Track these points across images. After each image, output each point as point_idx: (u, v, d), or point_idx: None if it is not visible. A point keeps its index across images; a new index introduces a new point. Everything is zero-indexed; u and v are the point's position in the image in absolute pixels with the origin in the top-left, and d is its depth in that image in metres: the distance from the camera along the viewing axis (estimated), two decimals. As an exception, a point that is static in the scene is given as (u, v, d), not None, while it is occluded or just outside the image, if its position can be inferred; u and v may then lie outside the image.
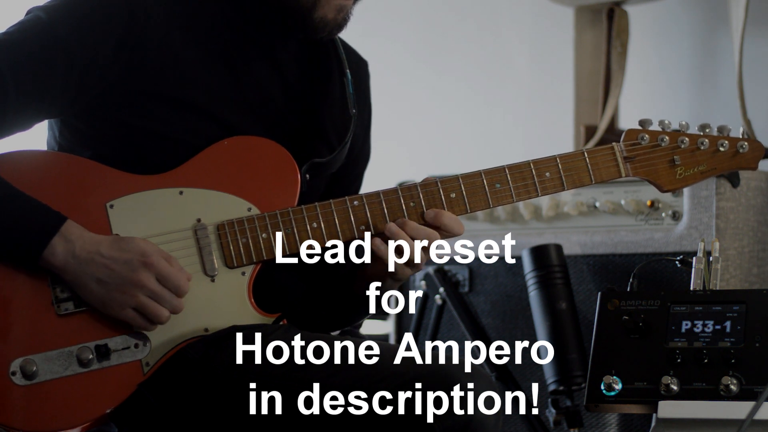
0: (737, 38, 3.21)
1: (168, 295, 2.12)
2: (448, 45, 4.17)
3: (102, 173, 2.18)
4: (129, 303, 2.10)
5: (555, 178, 2.28)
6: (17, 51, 2.14)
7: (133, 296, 2.10)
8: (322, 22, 2.25)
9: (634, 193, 3.01)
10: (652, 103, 3.79)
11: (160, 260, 2.11)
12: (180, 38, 2.23)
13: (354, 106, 2.35)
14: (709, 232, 2.87)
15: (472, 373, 2.04)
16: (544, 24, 3.97)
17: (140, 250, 2.11)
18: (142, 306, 2.11)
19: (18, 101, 2.13)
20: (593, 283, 3.02)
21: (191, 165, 2.21)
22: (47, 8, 2.19)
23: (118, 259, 2.11)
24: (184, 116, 2.22)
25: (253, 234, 2.19)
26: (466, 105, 4.12)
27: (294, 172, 2.24)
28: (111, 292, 2.10)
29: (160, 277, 2.11)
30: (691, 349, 2.17)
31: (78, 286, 2.11)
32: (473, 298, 3.17)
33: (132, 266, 2.10)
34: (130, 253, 2.11)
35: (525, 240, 3.09)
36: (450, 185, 2.24)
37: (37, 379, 2.11)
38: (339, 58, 2.38)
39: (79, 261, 2.10)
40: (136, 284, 2.10)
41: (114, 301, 2.10)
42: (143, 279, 2.10)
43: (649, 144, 2.31)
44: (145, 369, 2.14)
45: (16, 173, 2.14)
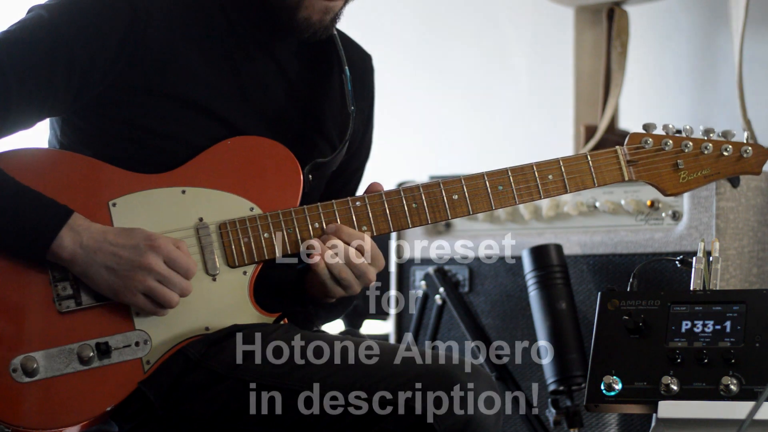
0: (737, 38, 3.22)
1: (176, 278, 2.12)
2: (448, 45, 4.17)
3: (105, 171, 2.19)
4: (139, 288, 2.11)
5: (558, 181, 2.28)
6: (19, 49, 2.14)
7: (142, 280, 2.10)
8: (306, 23, 2.24)
9: (634, 193, 3.02)
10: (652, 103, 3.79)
11: (167, 243, 2.12)
12: (182, 37, 2.23)
13: (352, 104, 2.35)
14: (709, 232, 2.87)
15: (472, 372, 2.04)
16: (544, 24, 3.97)
17: (146, 234, 2.12)
18: (152, 290, 2.11)
19: (20, 99, 2.14)
20: (593, 283, 3.02)
21: (194, 164, 2.21)
22: (49, 6, 2.19)
23: (125, 245, 2.11)
24: (186, 114, 2.23)
25: (255, 234, 2.20)
26: (466, 105, 4.12)
27: (297, 173, 2.24)
28: (121, 278, 2.10)
29: (168, 259, 2.12)
30: (691, 349, 2.17)
31: (87, 276, 2.11)
32: (473, 298, 3.18)
33: (140, 250, 2.11)
34: (136, 239, 2.12)
35: (525, 240, 3.09)
36: (452, 187, 2.24)
37: (37, 377, 2.11)
38: (338, 55, 2.38)
39: (88, 250, 2.10)
40: (144, 267, 2.10)
41: (124, 288, 2.11)
42: (151, 262, 2.10)
43: (653, 148, 2.31)
44: (145, 367, 2.14)
45: (20, 171, 2.14)
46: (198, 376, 2.14)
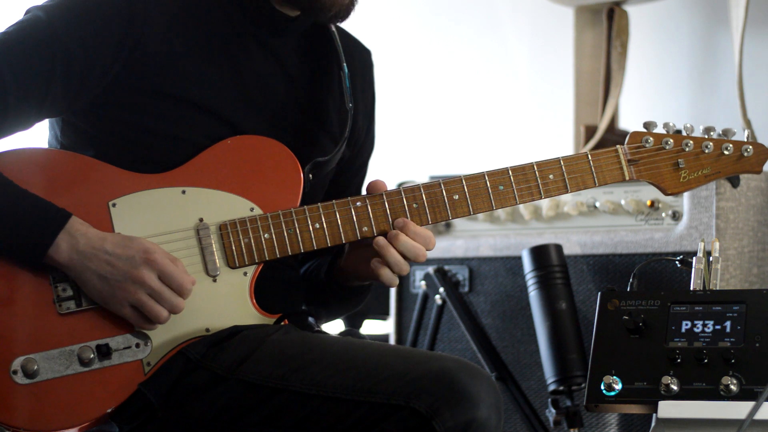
0: (737, 38, 3.22)
1: (168, 293, 2.11)
2: (448, 45, 4.17)
3: (104, 172, 2.19)
4: (128, 300, 2.10)
5: (558, 181, 2.28)
6: (17, 50, 2.14)
7: (133, 293, 2.10)
8: (330, 1, 2.24)
9: (634, 193, 3.02)
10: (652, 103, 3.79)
11: (163, 258, 2.11)
12: (180, 35, 2.23)
13: (350, 100, 2.35)
14: (709, 232, 2.87)
15: (472, 373, 2.03)
16: (544, 24, 3.97)
17: (144, 247, 2.11)
18: (141, 304, 2.10)
19: (18, 100, 2.13)
20: (593, 283, 3.02)
21: (194, 164, 2.21)
22: (46, 7, 2.19)
23: (120, 255, 2.11)
24: (185, 113, 2.22)
25: (256, 234, 2.20)
26: (466, 104, 4.12)
27: (297, 173, 2.24)
28: (111, 287, 2.10)
29: (163, 275, 2.11)
30: (691, 349, 2.17)
31: (81, 281, 2.11)
32: (473, 298, 3.18)
33: (134, 263, 2.10)
34: (133, 250, 2.11)
35: (525, 240, 3.09)
36: (453, 187, 2.24)
37: (38, 378, 2.11)
38: (336, 51, 2.37)
39: (82, 256, 2.10)
40: (136, 281, 2.10)
41: (114, 298, 2.10)
42: (144, 276, 2.10)
43: (653, 147, 2.30)
44: (146, 369, 2.14)
45: (19, 171, 2.14)
46: (198, 378, 2.13)
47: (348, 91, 2.35)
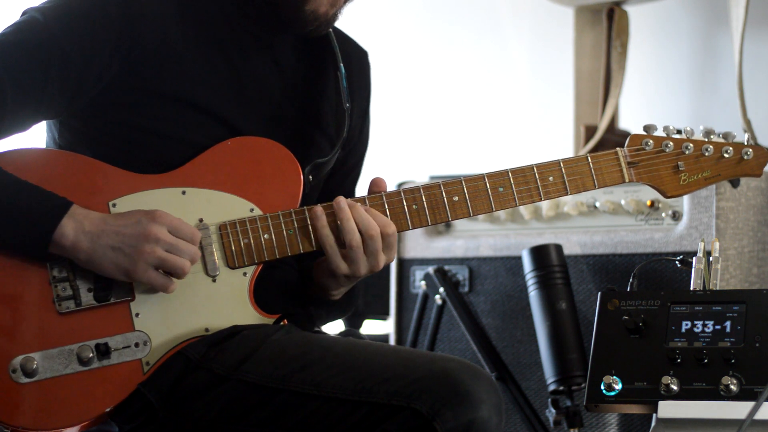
0: (737, 38, 3.22)
1: (184, 244, 2.12)
2: (448, 45, 4.17)
3: (104, 172, 2.19)
4: (149, 261, 2.10)
5: (558, 183, 2.28)
6: (13, 52, 2.14)
7: (152, 252, 2.10)
8: (313, 15, 2.24)
9: (634, 193, 3.02)
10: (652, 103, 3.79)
11: (167, 214, 2.12)
12: (177, 35, 2.23)
13: (348, 101, 2.35)
14: (709, 232, 2.87)
15: (472, 373, 2.03)
16: (544, 24, 3.97)
17: (144, 210, 2.12)
18: (163, 260, 2.10)
19: (16, 102, 2.13)
20: (593, 283, 3.02)
21: (194, 165, 2.21)
22: (43, 9, 2.18)
23: (126, 222, 2.11)
24: (183, 114, 2.22)
25: (255, 235, 2.20)
26: (466, 105, 4.13)
27: (297, 173, 2.24)
28: (128, 256, 2.10)
29: (172, 228, 2.12)
30: (691, 349, 2.17)
31: (93, 261, 2.11)
32: (473, 298, 3.18)
33: (142, 224, 2.10)
34: (136, 215, 2.12)
35: (525, 240, 3.09)
36: (453, 188, 2.24)
37: (37, 377, 2.11)
38: (333, 52, 2.38)
39: (91, 236, 2.10)
40: (150, 238, 2.10)
41: (135, 265, 2.10)
42: (156, 232, 2.10)
43: (653, 150, 2.30)
44: (145, 368, 2.14)
45: (19, 171, 2.13)
46: (198, 378, 2.13)
47: (345, 91, 2.35)
